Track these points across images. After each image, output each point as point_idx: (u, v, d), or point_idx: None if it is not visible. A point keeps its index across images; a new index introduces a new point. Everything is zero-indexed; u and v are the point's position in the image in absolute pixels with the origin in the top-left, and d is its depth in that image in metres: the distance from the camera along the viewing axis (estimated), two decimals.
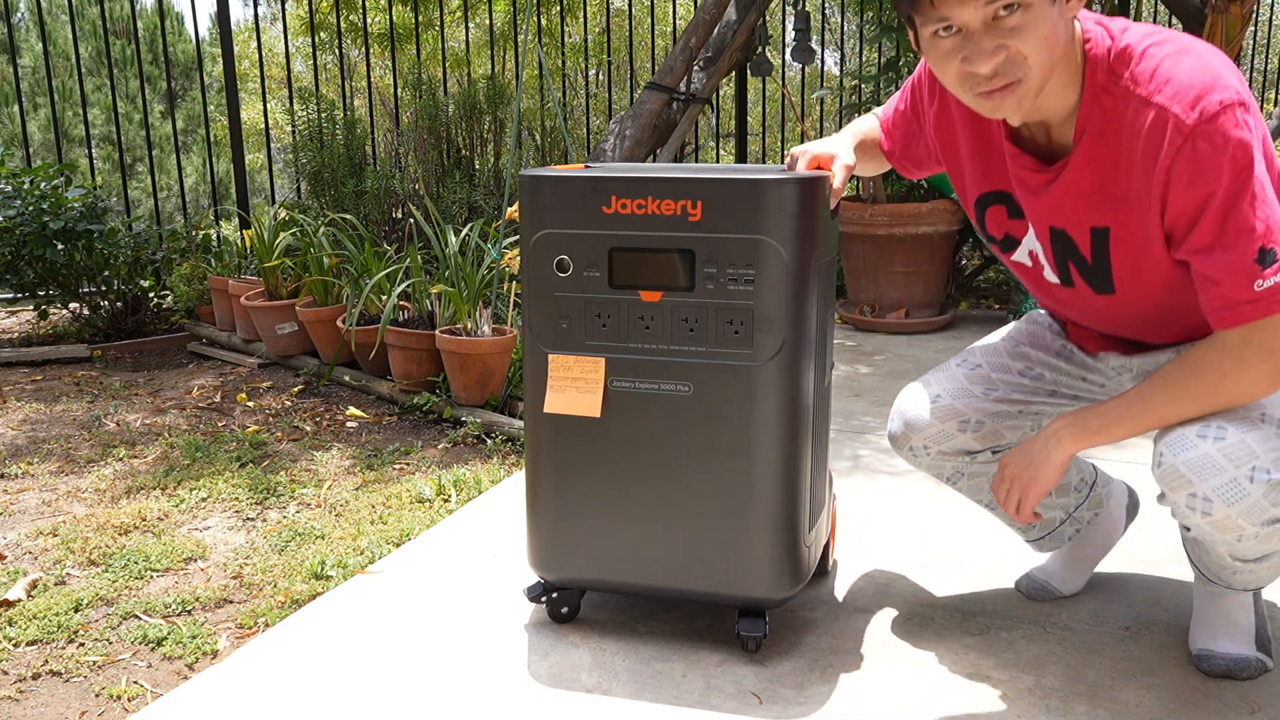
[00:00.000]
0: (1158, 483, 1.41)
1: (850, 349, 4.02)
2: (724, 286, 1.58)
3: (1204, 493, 1.34)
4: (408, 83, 4.81)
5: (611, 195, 1.59)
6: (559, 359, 1.67)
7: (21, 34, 9.02)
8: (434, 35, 6.76)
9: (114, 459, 2.88)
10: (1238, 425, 1.35)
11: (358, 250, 3.68)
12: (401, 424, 3.20)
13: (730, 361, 1.60)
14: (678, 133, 4.66)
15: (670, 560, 1.69)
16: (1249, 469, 1.32)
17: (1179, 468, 1.36)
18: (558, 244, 1.64)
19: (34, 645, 1.87)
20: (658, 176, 1.58)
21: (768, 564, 1.65)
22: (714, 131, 9.45)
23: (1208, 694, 1.59)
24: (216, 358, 4.09)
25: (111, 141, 8.52)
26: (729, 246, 1.56)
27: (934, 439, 1.70)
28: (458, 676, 1.68)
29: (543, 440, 1.71)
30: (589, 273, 1.63)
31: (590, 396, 1.66)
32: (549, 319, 1.67)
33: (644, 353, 1.64)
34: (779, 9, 7.80)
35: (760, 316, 1.58)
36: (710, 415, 1.62)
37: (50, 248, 3.99)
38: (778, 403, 1.60)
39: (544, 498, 1.74)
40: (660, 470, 1.66)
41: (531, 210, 1.65)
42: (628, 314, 1.64)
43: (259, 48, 5.47)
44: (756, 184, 1.54)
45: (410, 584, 2.01)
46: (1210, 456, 1.34)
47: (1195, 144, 1.26)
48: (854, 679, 1.66)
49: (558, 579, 1.77)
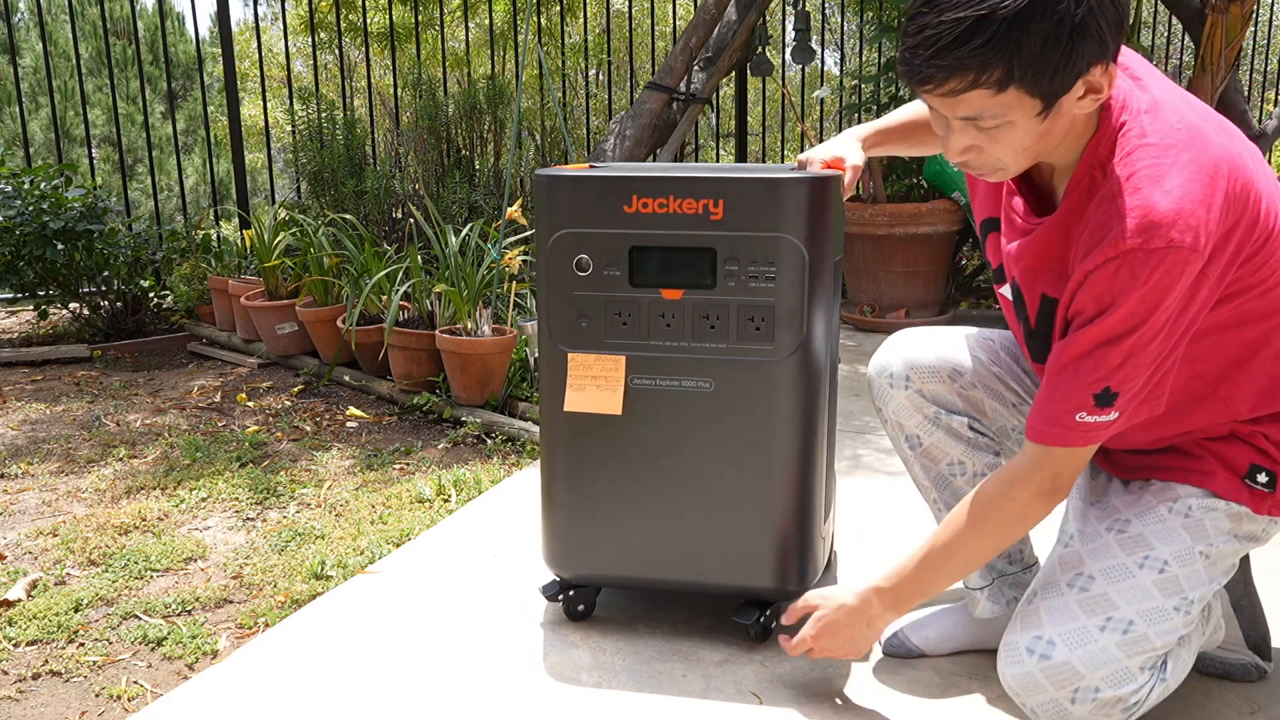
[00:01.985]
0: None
1: (850, 349, 4.02)
2: (745, 284, 1.60)
3: (1032, 706, 1.36)
4: (408, 83, 4.81)
5: (632, 194, 1.61)
6: (579, 358, 1.68)
7: (22, 34, 9.01)
8: (434, 35, 6.76)
9: (114, 459, 2.88)
10: (1069, 639, 1.32)
11: (358, 250, 3.68)
12: (401, 424, 3.20)
13: (751, 358, 1.62)
14: (678, 133, 4.66)
15: (688, 555, 1.70)
16: (1071, 691, 1.32)
17: (1008, 680, 1.37)
18: (577, 243, 1.65)
19: (34, 645, 1.87)
20: (678, 176, 1.60)
21: (786, 557, 1.68)
22: (714, 131, 9.45)
23: (1208, 694, 1.59)
24: (216, 358, 4.09)
25: (112, 142, 8.52)
26: (750, 244, 1.59)
27: (920, 374, 1.63)
28: (457, 676, 1.68)
29: (559, 438, 1.72)
30: (609, 271, 1.65)
31: (611, 394, 1.67)
32: (568, 318, 1.68)
33: (665, 350, 1.66)
34: (779, 9, 7.80)
35: (781, 313, 1.60)
36: (731, 411, 1.64)
37: (50, 248, 3.99)
38: (796, 398, 1.63)
39: (560, 496, 1.75)
40: (680, 466, 1.68)
41: (549, 210, 1.65)
42: (648, 312, 1.65)
43: (259, 47, 5.47)
44: (777, 182, 1.56)
45: (410, 584, 2.01)
46: (1033, 675, 1.33)
47: (1120, 266, 1.19)
48: (854, 679, 1.65)
49: (574, 576, 1.78)
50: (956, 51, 1.15)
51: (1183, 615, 1.34)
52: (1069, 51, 1.14)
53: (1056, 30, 1.13)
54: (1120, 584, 1.34)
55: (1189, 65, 8.34)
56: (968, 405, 1.64)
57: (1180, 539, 1.36)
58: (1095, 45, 1.15)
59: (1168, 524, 1.37)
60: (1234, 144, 1.26)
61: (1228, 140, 1.25)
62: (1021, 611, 1.40)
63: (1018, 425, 1.64)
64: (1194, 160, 1.20)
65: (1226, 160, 1.22)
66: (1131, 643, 1.32)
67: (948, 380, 1.63)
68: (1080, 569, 1.38)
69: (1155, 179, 1.19)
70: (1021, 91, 1.17)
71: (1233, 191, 1.21)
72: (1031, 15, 1.12)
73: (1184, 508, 1.38)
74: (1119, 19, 1.15)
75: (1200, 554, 1.36)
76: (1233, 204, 1.21)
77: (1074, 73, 1.16)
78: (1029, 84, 1.16)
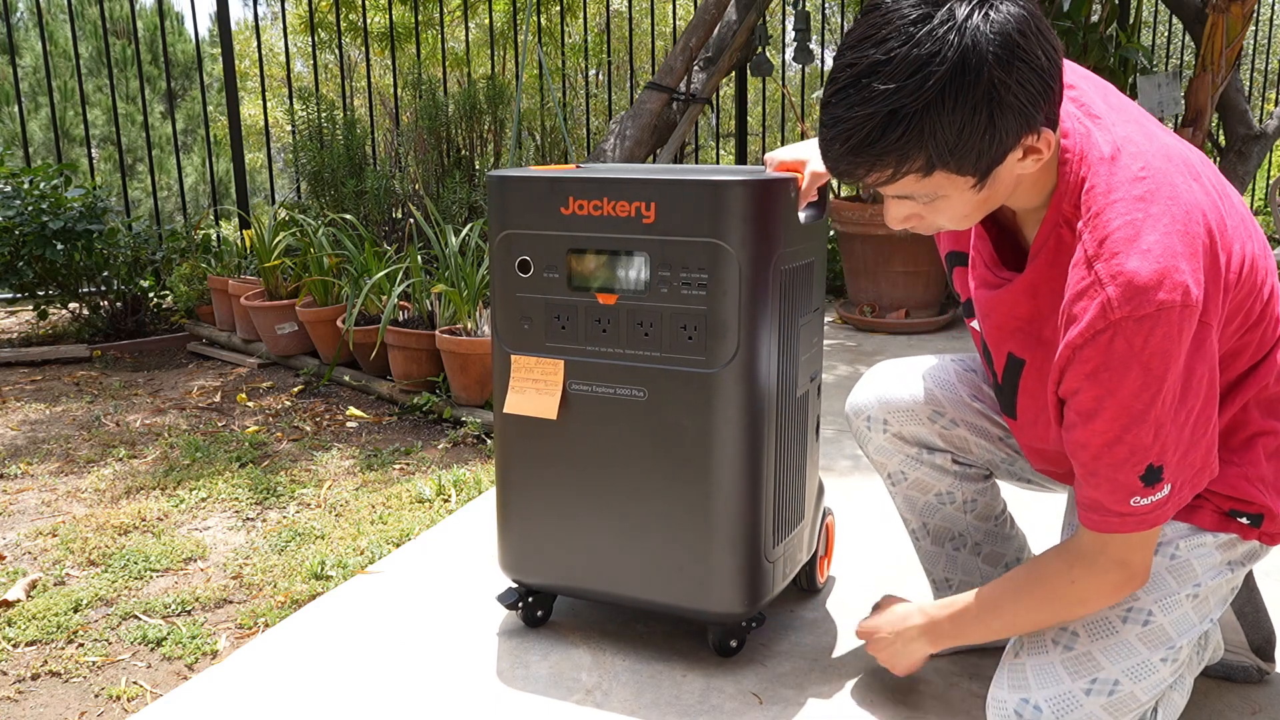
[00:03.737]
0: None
1: (850, 349, 4.02)
2: (677, 290, 1.54)
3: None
4: (408, 83, 4.81)
5: (569, 196, 1.57)
6: (521, 360, 1.66)
7: (21, 34, 9.01)
8: (434, 35, 6.76)
9: (114, 459, 2.88)
10: (1055, 705, 1.29)
11: (358, 250, 3.68)
12: (401, 424, 3.20)
13: (684, 368, 1.56)
14: (678, 133, 4.66)
15: (631, 569, 1.65)
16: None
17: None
18: (520, 244, 1.62)
19: (33, 645, 1.87)
20: (614, 177, 1.55)
21: (726, 578, 1.60)
22: (714, 131, 9.45)
23: (1208, 694, 1.58)
24: (216, 358, 4.08)
25: (111, 141, 8.52)
26: (682, 249, 1.52)
27: (898, 416, 1.58)
28: (457, 677, 1.68)
29: (509, 441, 1.70)
30: (549, 274, 1.62)
31: (548, 398, 1.64)
32: (512, 319, 1.66)
33: (601, 356, 1.61)
34: (779, 9, 7.80)
35: (714, 322, 1.53)
36: (665, 422, 1.58)
37: (50, 248, 3.99)
38: (734, 411, 1.54)
39: (511, 500, 1.72)
40: (618, 477, 1.63)
41: (496, 210, 1.63)
42: (585, 316, 1.61)
43: (259, 47, 5.47)
44: (709, 185, 1.49)
45: (410, 584, 2.01)
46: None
47: (1113, 338, 1.12)
48: (855, 679, 1.65)
49: (527, 582, 1.76)
50: (871, 149, 1.10)
51: (1170, 665, 1.30)
52: (989, 131, 1.09)
53: (971, 115, 1.07)
54: (1104, 641, 1.30)
55: (1189, 65, 8.33)
56: (950, 445, 1.59)
57: (1165, 585, 1.31)
58: (1018, 119, 1.09)
59: (1153, 569, 1.32)
60: (1200, 181, 1.20)
61: (1192, 179, 1.19)
62: (1009, 664, 1.36)
63: (1006, 458, 1.58)
64: (1167, 211, 1.13)
65: (1197, 205, 1.16)
66: (1118, 704, 1.29)
67: (927, 422, 1.57)
68: (1064, 623, 1.34)
69: (1131, 239, 1.12)
70: (949, 172, 1.13)
71: (1209, 233, 1.15)
72: (942, 104, 1.06)
73: (1170, 550, 1.32)
74: (1043, 85, 1.09)
75: (1188, 597, 1.31)
76: (1209, 248, 1.15)
77: (1000, 149, 1.11)
78: (954, 166, 1.12)
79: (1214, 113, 4.64)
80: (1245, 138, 4.89)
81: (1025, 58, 1.07)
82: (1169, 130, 1.28)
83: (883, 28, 1.08)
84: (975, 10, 1.06)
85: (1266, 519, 1.31)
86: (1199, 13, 4.69)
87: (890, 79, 1.07)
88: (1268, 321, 1.26)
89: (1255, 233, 1.25)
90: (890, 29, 1.07)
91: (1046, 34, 1.09)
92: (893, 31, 1.07)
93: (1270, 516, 1.31)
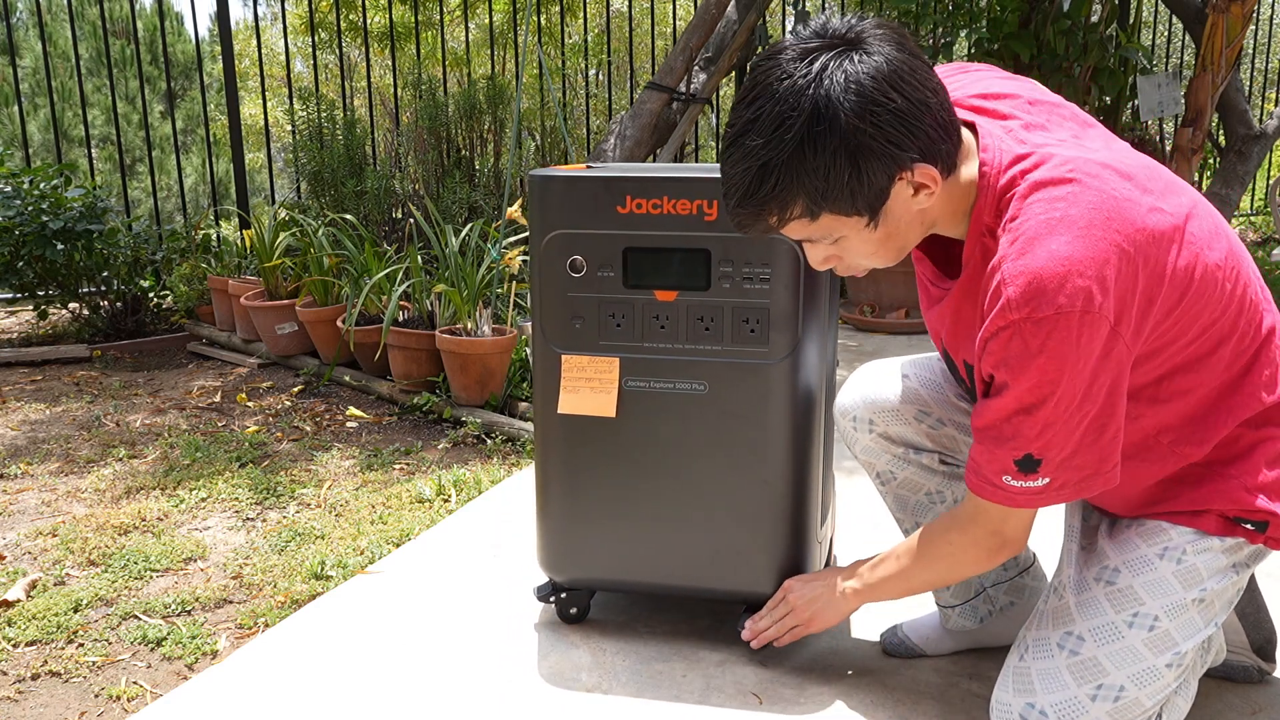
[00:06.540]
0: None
1: (850, 349, 4.02)
2: (739, 285, 1.59)
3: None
4: (408, 83, 4.81)
5: (626, 195, 1.60)
6: (572, 359, 1.68)
7: (21, 34, 9.01)
8: (434, 35, 6.76)
9: (114, 459, 2.88)
10: (1060, 710, 1.30)
11: (358, 250, 3.68)
12: (401, 424, 3.20)
13: (746, 360, 1.61)
14: (678, 133, 4.66)
15: (683, 559, 1.69)
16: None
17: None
18: (570, 244, 1.64)
19: (33, 645, 1.87)
20: (672, 176, 1.59)
21: (780, 562, 1.66)
22: (714, 131, 9.44)
23: (1209, 694, 1.58)
24: (216, 358, 4.08)
25: (111, 141, 8.52)
26: (744, 245, 1.58)
27: (883, 417, 1.60)
28: (457, 676, 1.68)
29: (554, 441, 1.72)
30: (603, 273, 1.64)
31: (605, 396, 1.66)
32: (561, 319, 1.68)
33: (659, 352, 1.65)
34: (779, 9, 7.79)
35: (776, 315, 1.59)
36: (725, 414, 1.63)
37: (50, 248, 3.99)
38: (791, 401, 1.61)
39: (555, 499, 1.74)
40: (674, 469, 1.67)
41: (542, 211, 1.65)
42: (643, 314, 1.64)
43: (259, 47, 5.46)
44: None
45: (410, 584, 2.01)
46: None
47: (1011, 336, 1.15)
48: (854, 679, 1.65)
49: (568, 580, 1.78)
50: (753, 199, 1.17)
51: (1175, 669, 1.31)
52: (854, 174, 1.14)
53: (833, 160, 1.13)
54: (1109, 646, 1.31)
55: (1189, 65, 8.33)
56: (937, 444, 1.60)
57: (1171, 591, 1.31)
58: (884, 161, 1.13)
59: (1158, 573, 1.32)
60: (1151, 192, 1.19)
61: (1139, 190, 1.18)
62: (1013, 668, 1.37)
63: None
64: (1083, 217, 1.14)
65: (1118, 209, 1.15)
66: (1123, 710, 1.29)
67: (914, 421, 1.58)
68: (1070, 627, 1.34)
69: (1037, 241, 1.14)
70: (835, 214, 1.18)
71: (1132, 240, 1.14)
72: (803, 153, 1.13)
73: (1176, 555, 1.32)
74: (905, 127, 1.12)
75: (1194, 601, 1.31)
76: (1132, 255, 1.14)
77: (874, 188, 1.15)
78: (836, 209, 1.17)
79: (1214, 113, 4.64)
80: (1245, 138, 4.89)
81: (882, 103, 1.11)
82: (1121, 145, 1.27)
83: (754, 88, 1.16)
84: (834, 63, 1.12)
85: (1272, 525, 1.31)
86: (1199, 13, 4.69)
87: (759, 135, 1.14)
88: (1237, 335, 1.25)
89: (1222, 245, 1.23)
90: (760, 88, 1.15)
91: (911, 77, 1.13)
92: (762, 90, 1.15)
93: (1276, 522, 1.30)
